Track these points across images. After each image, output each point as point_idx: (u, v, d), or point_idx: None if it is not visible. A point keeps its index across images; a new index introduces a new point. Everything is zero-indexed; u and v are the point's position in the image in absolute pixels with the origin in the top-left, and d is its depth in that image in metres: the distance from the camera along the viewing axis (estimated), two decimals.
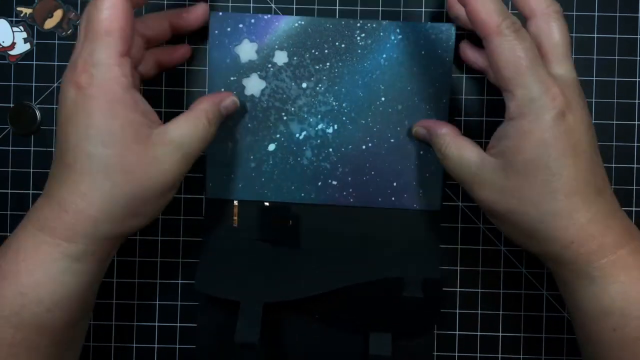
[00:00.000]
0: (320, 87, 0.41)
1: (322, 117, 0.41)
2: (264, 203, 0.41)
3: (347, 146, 0.41)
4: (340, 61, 0.41)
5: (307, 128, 0.41)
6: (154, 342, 0.41)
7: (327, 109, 0.41)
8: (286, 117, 0.41)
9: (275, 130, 0.41)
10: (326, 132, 0.41)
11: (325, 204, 0.41)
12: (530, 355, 0.41)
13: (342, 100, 0.41)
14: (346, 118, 0.41)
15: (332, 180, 0.41)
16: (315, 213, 0.41)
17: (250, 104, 0.41)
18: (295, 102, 0.41)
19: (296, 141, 0.41)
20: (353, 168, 0.41)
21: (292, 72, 0.41)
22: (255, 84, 0.41)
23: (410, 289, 0.39)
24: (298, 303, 0.38)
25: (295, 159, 0.41)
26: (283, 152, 0.41)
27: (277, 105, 0.41)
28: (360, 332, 0.40)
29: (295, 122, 0.41)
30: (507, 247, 0.41)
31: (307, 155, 0.41)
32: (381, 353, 0.38)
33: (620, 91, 0.42)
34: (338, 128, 0.41)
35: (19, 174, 0.42)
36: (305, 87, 0.41)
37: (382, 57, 0.41)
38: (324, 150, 0.41)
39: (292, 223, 0.41)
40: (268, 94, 0.41)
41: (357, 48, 0.41)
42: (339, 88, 0.41)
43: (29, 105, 0.42)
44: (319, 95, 0.41)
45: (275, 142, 0.41)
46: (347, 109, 0.41)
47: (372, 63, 0.41)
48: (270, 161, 0.41)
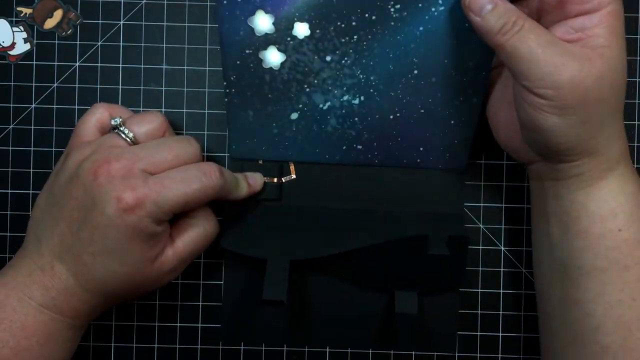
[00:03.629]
0: (346, 61, 0.36)
1: (348, 89, 0.38)
2: (288, 163, 0.41)
3: (373, 116, 0.38)
4: (369, 34, 0.35)
5: (331, 99, 0.38)
6: (154, 342, 0.42)
7: (354, 82, 0.37)
8: (309, 88, 0.38)
9: (298, 101, 0.38)
10: (352, 103, 0.38)
11: (350, 164, 0.41)
12: (530, 355, 0.42)
13: (370, 73, 0.37)
14: (374, 90, 0.38)
15: (358, 145, 0.40)
16: (340, 173, 0.41)
17: (269, 76, 0.37)
18: (318, 75, 0.37)
19: (320, 111, 0.39)
20: (379, 135, 0.39)
21: (314, 45, 0.36)
22: (274, 57, 0.36)
23: (436, 247, 0.38)
24: (324, 262, 0.40)
25: (319, 127, 0.39)
26: (306, 120, 0.39)
27: (298, 78, 0.37)
28: (385, 291, 0.41)
29: (319, 94, 0.38)
30: (507, 247, 0.42)
31: (331, 123, 0.39)
32: (407, 311, 0.39)
33: None
34: (364, 99, 0.38)
35: (19, 174, 0.42)
36: (330, 60, 0.36)
37: (418, 30, 0.35)
38: (349, 119, 0.39)
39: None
40: (288, 67, 0.37)
41: (390, 20, 0.35)
42: (367, 61, 0.36)
43: None
44: (345, 68, 0.37)
45: (298, 111, 0.39)
46: (375, 82, 0.37)
47: (406, 36, 0.35)
48: (293, 128, 0.39)
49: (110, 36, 0.41)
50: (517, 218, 0.42)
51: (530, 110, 0.31)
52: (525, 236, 0.42)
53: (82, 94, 0.41)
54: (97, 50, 0.41)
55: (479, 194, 0.42)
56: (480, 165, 0.41)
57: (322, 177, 0.41)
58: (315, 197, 0.41)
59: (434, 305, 0.41)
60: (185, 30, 0.41)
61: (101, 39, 0.41)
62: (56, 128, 0.41)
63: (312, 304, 0.42)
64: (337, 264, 0.41)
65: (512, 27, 0.30)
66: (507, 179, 0.42)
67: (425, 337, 0.42)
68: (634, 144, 0.41)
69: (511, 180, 0.42)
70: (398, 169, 0.41)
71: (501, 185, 0.42)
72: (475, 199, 0.42)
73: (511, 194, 0.42)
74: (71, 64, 0.41)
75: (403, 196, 0.41)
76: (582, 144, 0.31)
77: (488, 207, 0.42)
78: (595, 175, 0.32)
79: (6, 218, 0.42)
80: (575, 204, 0.33)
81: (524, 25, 0.30)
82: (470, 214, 0.42)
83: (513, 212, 0.42)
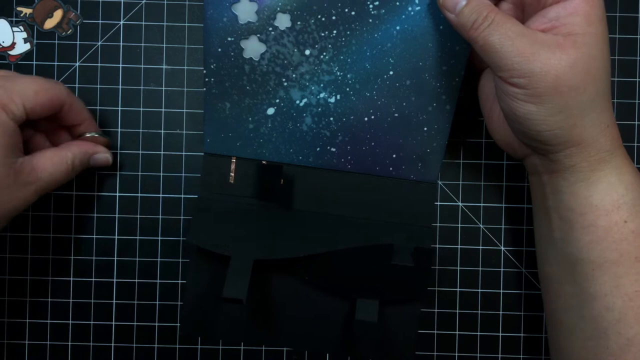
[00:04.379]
0: (324, 56, 0.38)
1: (325, 86, 0.38)
2: (262, 161, 0.41)
3: (348, 117, 0.39)
4: (348, 30, 0.37)
5: (308, 96, 0.39)
6: (154, 342, 0.42)
7: (331, 78, 0.38)
8: (287, 83, 0.39)
9: (275, 95, 0.39)
10: (328, 102, 0.39)
11: (323, 168, 0.41)
12: (530, 355, 0.41)
13: (347, 71, 0.38)
14: (350, 89, 0.38)
15: (331, 147, 0.40)
16: (311, 175, 0.41)
17: (249, 67, 0.38)
18: (296, 69, 0.38)
19: (296, 107, 0.39)
20: (353, 138, 0.40)
21: (294, 37, 0.37)
22: (255, 47, 0.38)
23: (400, 257, 0.39)
24: (288, 264, 0.40)
25: (295, 125, 0.40)
26: (282, 116, 0.39)
27: (277, 71, 0.38)
28: (347, 298, 0.41)
29: (296, 89, 0.39)
30: (507, 247, 0.42)
31: (306, 121, 0.39)
32: (367, 319, 0.38)
33: (620, 91, 0.41)
34: (340, 98, 0.39)
35: None
36: (309, 54, 0.38)
37: (395, 29, 0.37)
38: (325, 119, 0.39)
39: (284, 182, 0.41)
40: (268, 59, 0.38)
41: (369, 17, 0.36)
42: (344, 58, 0.38)
43: None
44: (323, 64, 0.38)
45: (274, 106, 0.39)
46: (352, 80, 0.38)
47: (383, 34, 0.37)
48: (268, 124, 0.40)
49: (110, 36, 0.41)
50: (517, 218, 0.42)
51: (508, 100, 0.32)
52: (525, 236, 0.42)
53: (82, 94, 0.41)
54: (97, 50, 0.41)
55: (479, 194, 0.42)
56: (480, 165, 0.42)
57: (295, 180, 0.41)
58: (283, 199, 0.41)
59: (395, 316, 0.41)
60: (185, 30, 0.41)
61: (101, 39, 0.41)
62: None
63: (273, 305, 0.41)
64: (301, 267, 0.41)
65: (483, 22, 0.32)
66: (507, 178, 0.42)
67: (383, 347, 0.41)
68: (634, 144, 0.41)
69: (511, 180, 0.42)
70: (370, 176, 0.41)
71: (501, 185, 0.42)
72: (475, 199, 0.42)
73: (511, 194, 0.42)
74: (71, 64, 0.41)
75: (373, 204, 0.41)
76: (564, 133, 0.32)
77: (488, 207, 0.42)
78: (588, 167, 0.32)
79: None
80: (577, 197, 0.33)
81: (494, 18, 0.32)
82: (470, 214, 0.42)
83: (513, 212, 0.42)
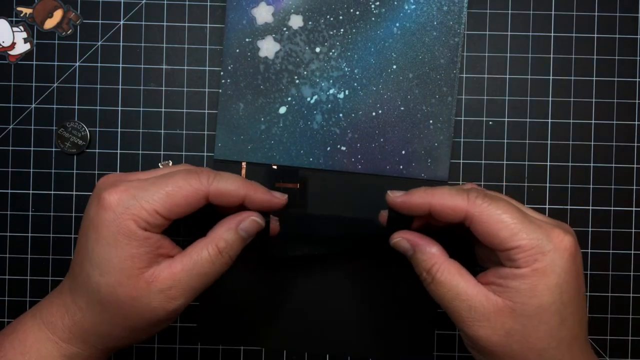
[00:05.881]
0: (333, 53, 0.42)
1: (334, 82, 0.42)
2: (272, 166, 0.42)
3: (357, 112, 0.42)
4: (354, 28, 0.41)
5: (318, 92, 0.42)
6: (154, 342, 0.41)
7: (339, 74, 0.42)
8: (298, 80, 0.42)
9: (287, 93, 0.42)
10: (337, 97, 0.42)
11: (333, 169, 0.42)
12: None
13: (354, 66, 0.42)
14: (357, 84, 0.42)
15: (341, 145, 0.42)
16: (323, 178, 0.42)
17: (263, 66, 0.42)
18: (308, 66, 0.42)
19: (307, 105, 0.42)
20: (362, 134, 0.42)
21: (306, 36, 0.41)
22: (270, 46, 0.41)
23: None
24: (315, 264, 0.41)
25: (306, 123, 0.42)
26: (294, 115, 0.42)
27: (290, 69, 0.42)
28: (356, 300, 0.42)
29: (307, 86, 0.42)
30: None
31: (317, 119, 0.42)
32: None
33: (620, 91, 0.41)
34: (349, 94, 0.42)
35: (19, 174, 0.42)
36: (319, 51, 0.42)
37: (395, 26, 0.41)
38: (334, 115, 0.42)
39: (299, 186, 0.42)
40: (282, 57, 0.42)
41: (371, 16, 0.41)
42: (351, 54, 0.42)
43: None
44: (332, 60, 0.42)
45: (286, 104, 0.42)
46: (359, 75, 0.42)
47: (385, 31, 0.41)
48: (280, 124, 0.42)
49: (110, 36, 0.42)
50: None
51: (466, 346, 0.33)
52: None
53: (82, 93, 0.42)
54: (97, 50, 0.42)
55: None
56: (480, 165, 0.42)
57: (305, 182, 0.42)
58: (295, 202, 0.42)
59: (411, 315, 0.42)
60: (185, 30, 0.42)
61: (101, 39, 0.42)
62: (56, 128, 0.42)
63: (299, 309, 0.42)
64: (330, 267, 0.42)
65: (426, 276, 0.33)
66: (507, 179, 0.42)
67: (401, 346, 0.42)
68: (634, 144, 0.42)
69: (511, 180, 0.42)
70: (381, 177, 0.42)
71: (501, 185, 0.42)
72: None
73: (511, 194, 0.42)
74: (71, 64, 0.42)
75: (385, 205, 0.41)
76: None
77: None
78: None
79: (6, 218, 0.42)
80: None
81: (435, 276, 0.32)
82: None
83: None
